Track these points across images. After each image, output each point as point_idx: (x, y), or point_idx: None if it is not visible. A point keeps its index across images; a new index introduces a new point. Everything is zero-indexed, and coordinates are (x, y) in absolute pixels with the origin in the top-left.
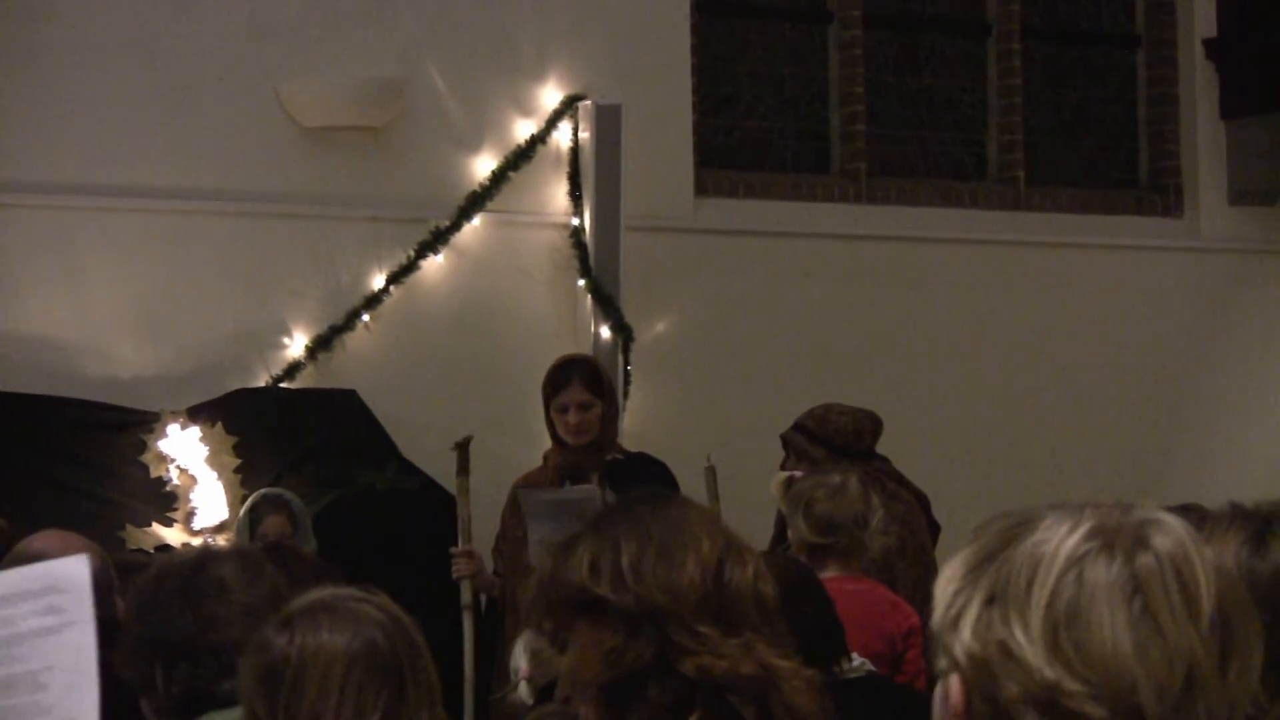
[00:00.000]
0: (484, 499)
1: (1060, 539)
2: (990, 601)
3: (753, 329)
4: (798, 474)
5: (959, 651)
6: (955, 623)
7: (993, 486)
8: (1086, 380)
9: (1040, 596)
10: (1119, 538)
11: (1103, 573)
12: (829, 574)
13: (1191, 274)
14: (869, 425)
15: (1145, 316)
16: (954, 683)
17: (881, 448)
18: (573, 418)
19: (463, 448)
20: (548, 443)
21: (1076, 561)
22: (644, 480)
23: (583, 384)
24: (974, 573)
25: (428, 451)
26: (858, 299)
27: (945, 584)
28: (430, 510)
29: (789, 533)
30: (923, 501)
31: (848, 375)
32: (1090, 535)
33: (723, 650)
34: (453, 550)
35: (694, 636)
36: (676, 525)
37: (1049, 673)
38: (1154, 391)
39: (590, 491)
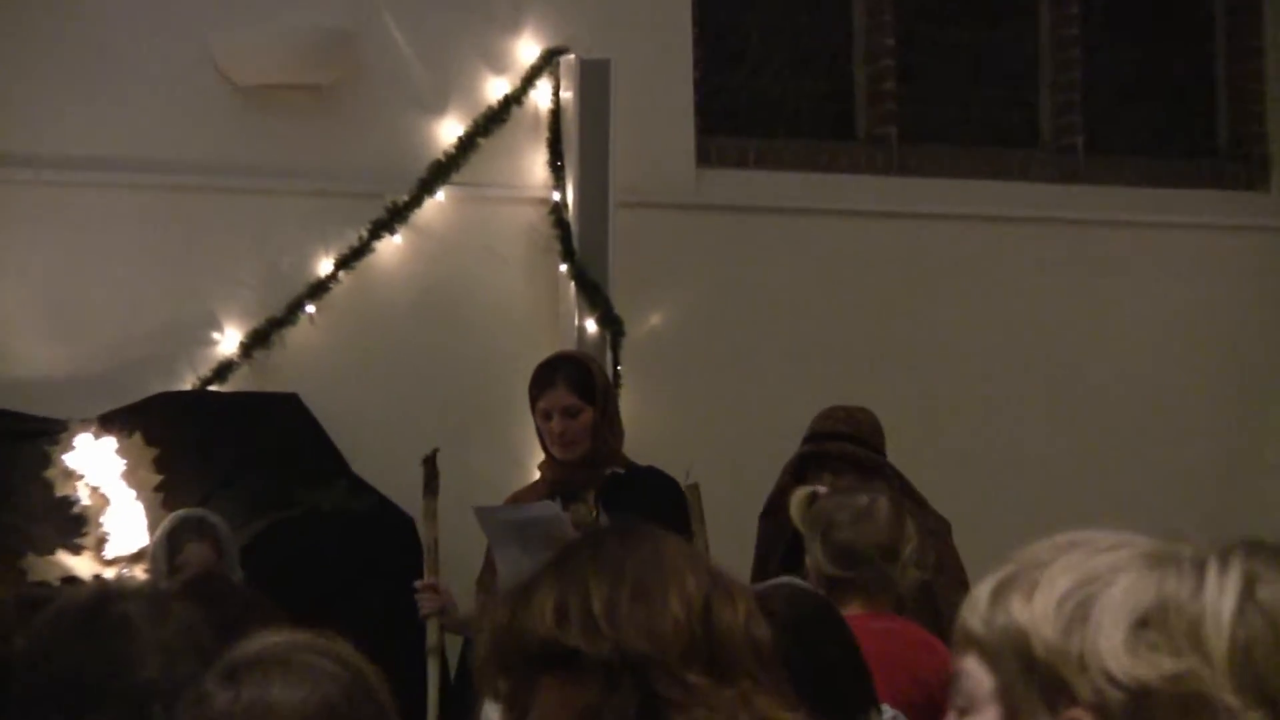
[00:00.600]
0: (451, 522)
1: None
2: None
3: (763, 322)
4: (822, 490)
5: (1104, 682)
6: (1086, 655)
7: (1041, 504)
8: (1155, 382)
9: (1216, 628)
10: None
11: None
12: (851, 611)
13: (1278, 257)
14: (878, 425)
15: (1224, 306)
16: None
17: (915, 461)
18: (556, 425)
19: (430, 462)
20: (526, 455)
21: (1243, 600)
22: (649, 500)
23: (568, 386)
24: (1082, 606)
25: (384, 466)
26: (887, 287)
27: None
28: (387, 536)
29: (806, 560)
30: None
31: (876, 375)
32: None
33: (716, 703)
34: (417, 584)
35: (682, 688)
36: (653, 560)
37: (1231, 700)
38: (1233, 394)
39: (548, 509)
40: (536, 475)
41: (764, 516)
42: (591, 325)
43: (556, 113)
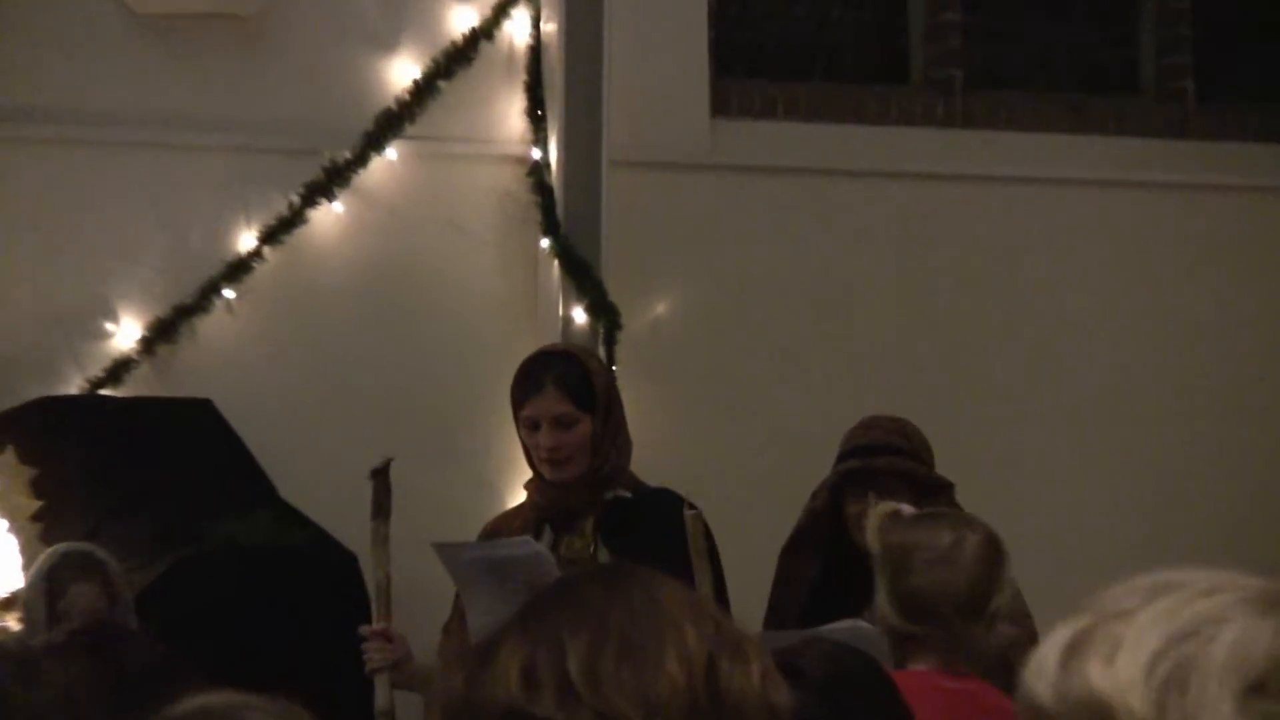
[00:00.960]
0: (408, 559)
1: None
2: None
3: (794, 311)
4: (907, 510)
5: None
6: None
7: (1126, 531)
8: (1273, 384)
9: None
10: None
11: None
12: (920, 665)
13: None
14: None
15: None
16: None
17: (973, 481)
18: (545, 439)
19: (381, 477)
20: (499, 476)
21: None
22: (658, 532)
23: (560, 390)
24: (1179, 669)
25: (320, 490)
26: (948, 265)
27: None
28: (324, 576)
29: (876, 598)
30: None
31: (929, 377)
32: None
33: None
34: (364, 631)
35: None
36: (645, 611)
37: None
38: None
39: (526, 546)
40: (520, 497)
41: (787, 553)
42: (580, 315)
43: (536, 49)
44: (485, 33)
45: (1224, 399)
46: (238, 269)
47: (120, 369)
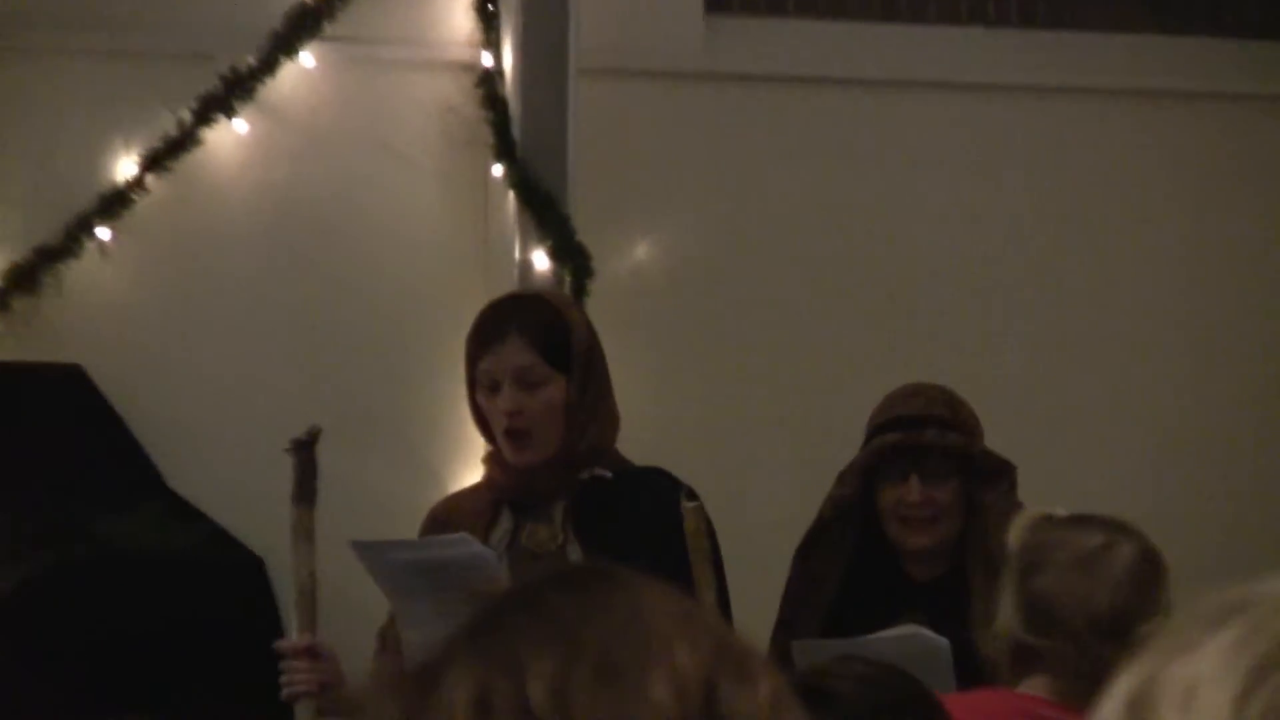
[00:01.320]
0: (328, 558)
1: None
2: None
3: (804, 253)
4: (1060, 514)
5: None
6: None
7: (1209, 528)
8: None
9: None
10: None
11: None
12: (1028, 688)
13: None
14: None
15: None
16: None
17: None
18: (505, 401)
19: (304, 451)
20: (442, 461)
21: None
22: (644, 522)
23: (525, 340)
24: (1272, 711)
25: (216, 476)
26: (987, 199)
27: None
28: (223, 583)
29: (1000, 603)
30: None
31: (982, 339)
32: None
33: None
34: (282, 646)
35: None
36: (627, 623)
37: None
38: None
39: (462, 544)
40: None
41: (805, 552)
42: (541, 260)
43: None
44: None
45: None
46: (113, 203)
47: None
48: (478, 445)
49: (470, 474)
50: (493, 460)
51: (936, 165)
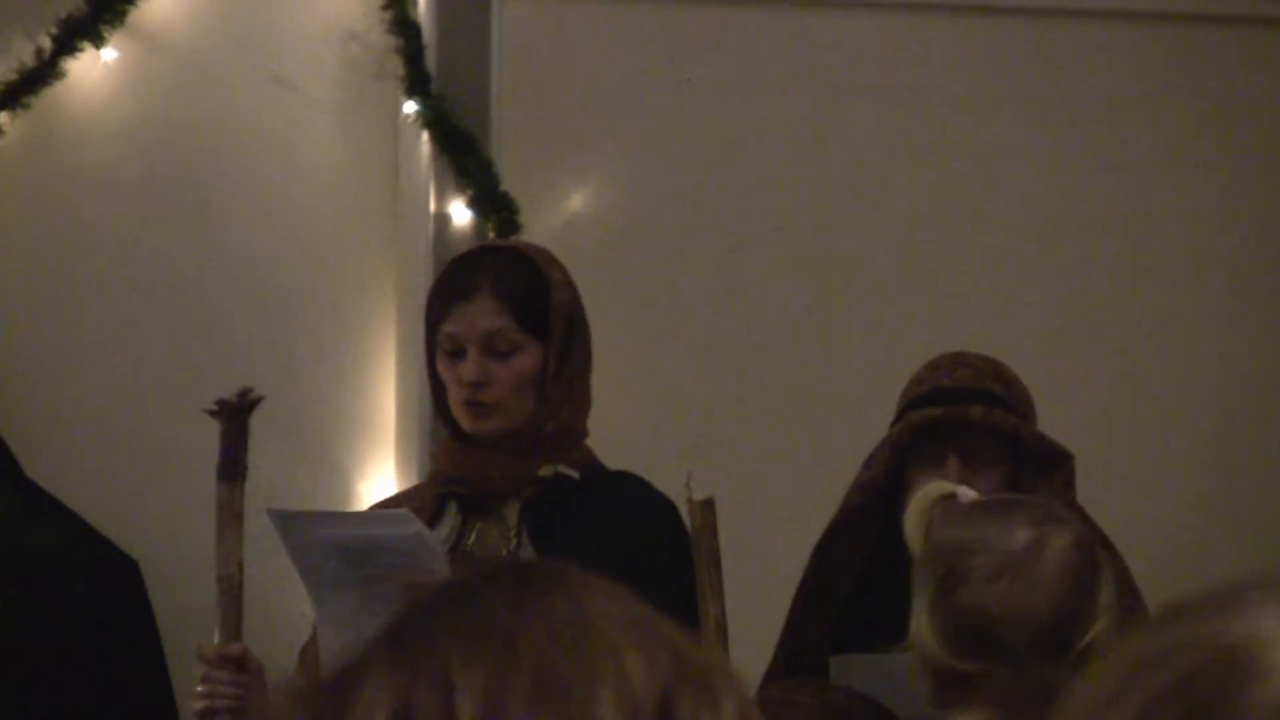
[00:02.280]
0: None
1: None
2: None
3: (770, 202)
4: (965, 494)
5: None
6: None
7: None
8: None
9: None
10: None
11: None
12: (972, 717)
13: None
14: None
15: None
16: None
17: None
18: (469, 370)
19: (236, 415)
20: (343, 451)
21: None
22: (611, 533)
23: (498, 298)
24: None
25: (81, 464)
26: (972, 132)
27: None
28: (92, 591)
29: (911, 622)
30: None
31: (952, 284)
32: None
33: None
34: (203, 653)
35: None
36: (571, 631)
37: None
38: None
39: (401, 522)
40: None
41: (819, 549)
42: (460, 212)
43: None
44: None
45: None
46: None
47: None
48: (387, 434)
49: (380, 467)
50: (443, 447)
51: (917, 94)
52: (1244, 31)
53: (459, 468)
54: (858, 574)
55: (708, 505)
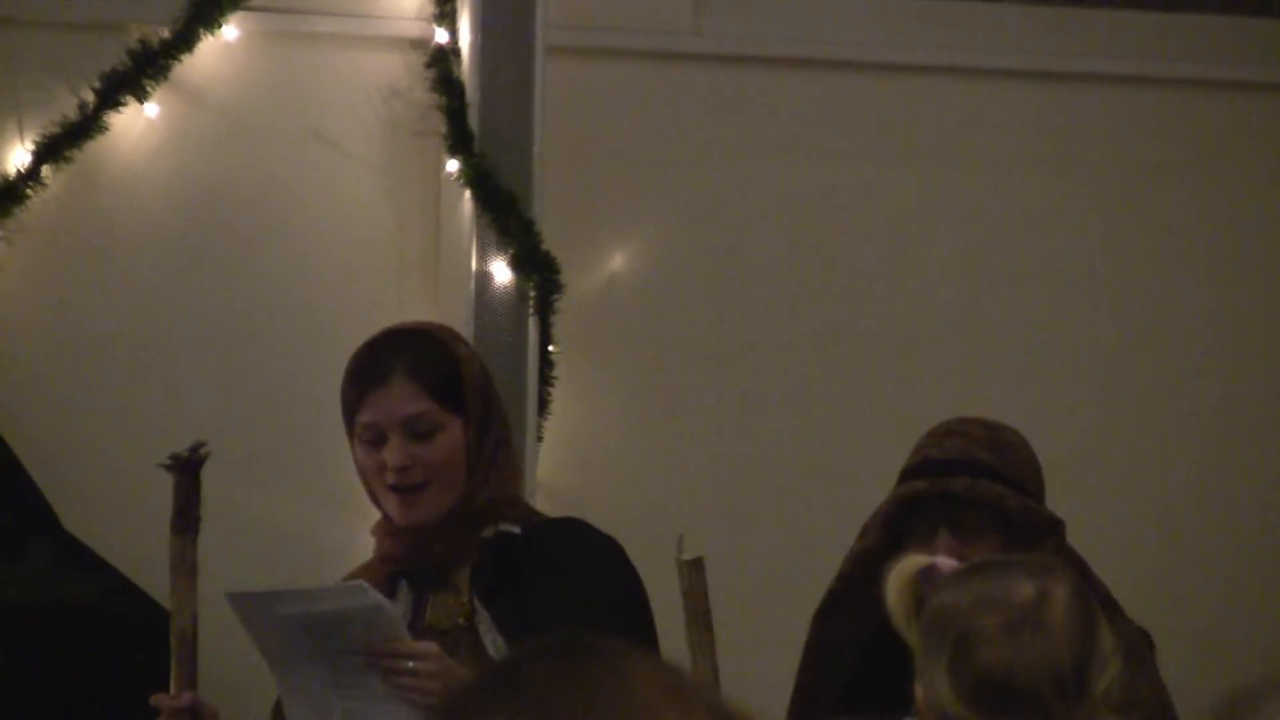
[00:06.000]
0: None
1: None
2: None
3: (799, 260)
4: (945, 563)
5: None
6: None
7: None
8: None
9: None
10: None
11: None
12: None
13: None
14: (1035, 458)
15: None
16: None
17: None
18: (394, 455)
19: (187, 469)
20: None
21: None
22: (558, 582)
23: (413, 381)
24: None
25: (118, 516)
26: (1004, 194)
27: None
28: (124, 639)
29: (916, 688)
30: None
31: (984, 346)
32: None
33: None
34: (159, 702)
35: None
36: (611, 698)
37: None
38: None
39: (356, 595)
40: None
41: (822, 618)
42: (501, 271)
43: None
44: None
45: None
46: (4, 198)
47: None
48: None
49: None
50: (381, 529)
51: (955, 158)
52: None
53: (401, 546)
54: (863, 644)
55: (696, 565)
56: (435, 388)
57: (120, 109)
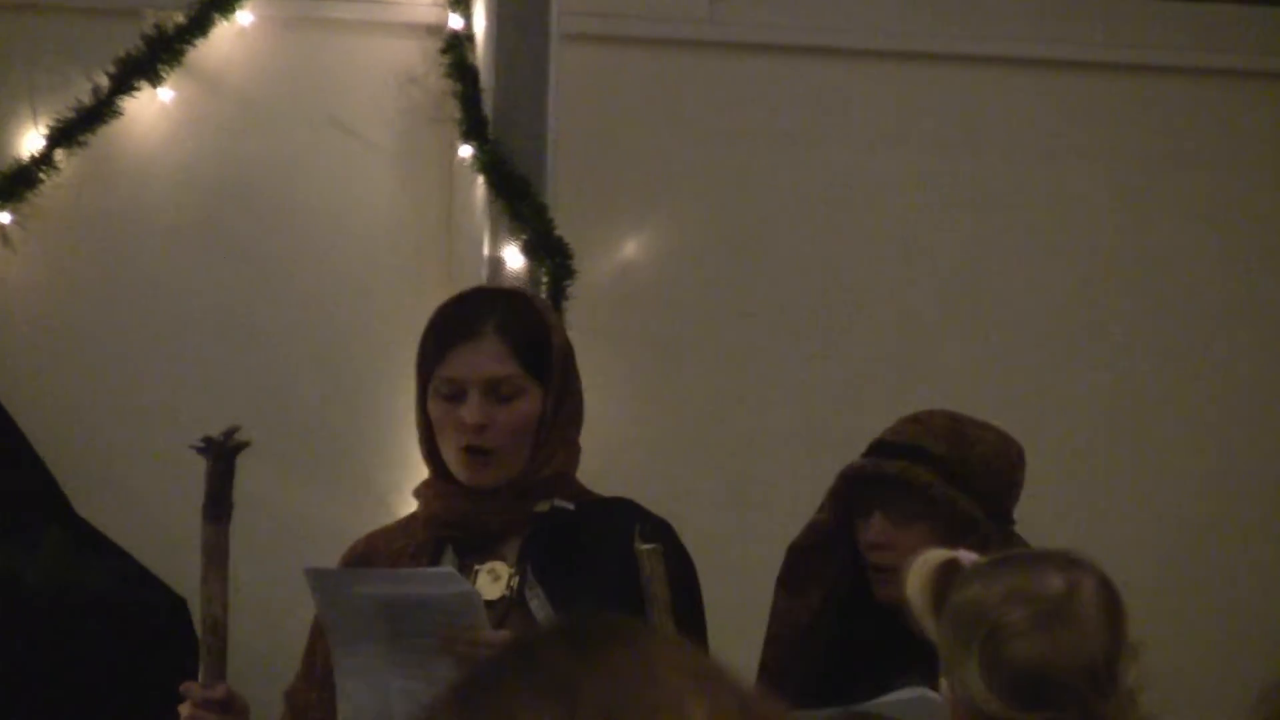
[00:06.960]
0: (248, 596)
1: None
2: None
3: (823, 252)
4: (966, 556)
5: None
6: None
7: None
8: None
9: None
10: None
11: None
12: None
13: None
14: (1017, 461)
15: None
16: None
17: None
18: (472, 412)
19: (222, 454)
20: (387, 485)
21: None
22: (613, 563)
23: (504, 342)
24: None
25: (133, 502)
26: (1019, 184)
27: None
28: (139, 627)
29: (943, 683)
30: None
31: (991, 339)
32: None
33: None
34: (188, 692)
35: None
36: (633, 680)
37: None
38: None
39: (447, 581)
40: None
41: (783, 586)
42: (514, 257)
43: None
44: None
45: None
46: (18, 182)
47: None
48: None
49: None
50: (431, 490)
51: (966, 145)
52: None
53: (452, 511)
54: (820, 614)
55: (655, 554)
56: (523, 352)
57: (134, 94)
